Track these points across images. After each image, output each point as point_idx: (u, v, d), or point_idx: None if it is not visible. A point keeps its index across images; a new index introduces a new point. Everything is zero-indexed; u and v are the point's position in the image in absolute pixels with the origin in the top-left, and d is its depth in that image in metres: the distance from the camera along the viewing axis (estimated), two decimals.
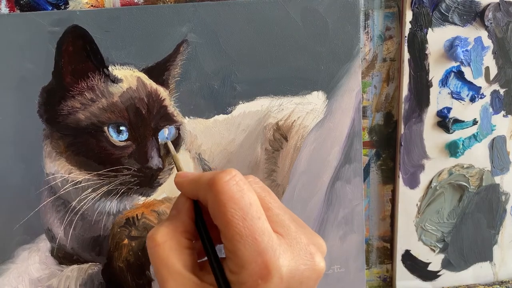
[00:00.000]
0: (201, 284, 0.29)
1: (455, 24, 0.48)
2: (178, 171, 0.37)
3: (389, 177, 0.52)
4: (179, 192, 0.34)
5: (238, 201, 0.28)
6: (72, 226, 0.44)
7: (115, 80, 0.43)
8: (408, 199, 0.52)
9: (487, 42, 0.49)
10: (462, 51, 0.48)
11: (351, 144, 0.48)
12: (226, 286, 0.28)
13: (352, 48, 0.46)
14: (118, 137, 0.42)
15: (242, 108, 0.46)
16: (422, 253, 0.53)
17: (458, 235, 0.54)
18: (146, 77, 0.43)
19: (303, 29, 0.45)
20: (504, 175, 0.53)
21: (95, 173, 0.43)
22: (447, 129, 0.50)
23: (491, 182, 0.53)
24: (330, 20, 0.45)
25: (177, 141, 0.45)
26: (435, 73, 0.49)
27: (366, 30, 0.48)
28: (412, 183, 0.52)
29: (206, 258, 0.30)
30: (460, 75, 0.49)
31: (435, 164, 0.51)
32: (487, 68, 0.50)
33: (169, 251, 0.30)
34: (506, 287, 0.55)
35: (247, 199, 0.28)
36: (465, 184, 0.52)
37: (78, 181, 0.43)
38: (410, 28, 0.48)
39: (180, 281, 0.29)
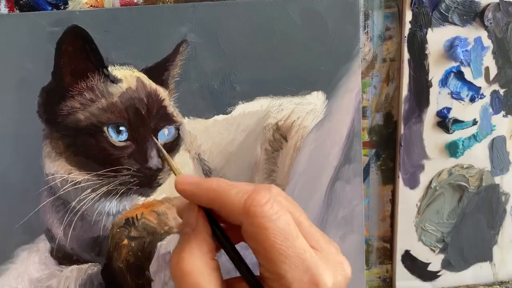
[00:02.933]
0: None
1: (455, 24, 0.48)
2: (175, 174, 0.35)
3: (389, 177, 0.52)
4: (185, 209, 0.32)
5: (277, 223, 0.28)
6: (72, 226, 0.44)
7: (115, 80, 0.43)
8: (408, 199, 0.52)
9: (487, 42, 0.49)
10: (462, 51, 0.48)
11: (351, 144, 0.48)
12: None
13: (352, 48, 0.46)
14: (117, 137, 0.42)
15: (242, 108, 0.46)
16: (422, 253, 0.53)
17: (458, 236, 0.53)
18: (146, 77, 0.43)
19: (303, 29, 0.45)
20: (504, 175, 0.53)
21: (95, 173, 0.43)
22: (447, 129, 0.50)
23: (491, 182, 0.53)
24: (330, 20, 0.45)
25: (176, 142, 0.45)
26: (435, 73, 0.49)
27: (366, 30, 0.48)
28: (412, 183, 0.52)
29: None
30: (460, 75, 0.49)
31: (435, 164, 0.51)
32: (487, 68, 0.50)
33: (199, 278, 0.29)
34: (506, 287, 0.55)
35: (285, 220, 0.28)
36: (465, 184, 0.52)
37: (78, 181, 0.43)
38: (410, 28, 0.48)
39: None
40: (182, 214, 0.33)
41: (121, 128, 0.42)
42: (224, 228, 0.32)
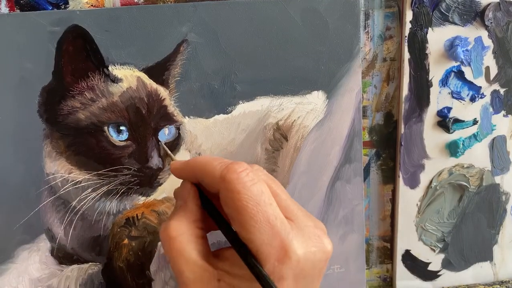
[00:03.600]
0: (217, 272, 0.30)
1: (455, 23, 0.48)
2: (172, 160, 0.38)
3: (389, 177, 0.52)
4: (180, 185, 0.34)
5: (250, 188, 0.29)
6: (72, 226, 0.44)
7: (115, 80, 0.43)
8: (408, 199, 0.52)
9: (487, 42, 0.49)
10: (462, 51, 0.48)
11: (351, 144, 0.48)
12: (250, 257, 0.29)
13: (352, 48, 0.46)
14: (118, 137, 0.42)
15: (242, 108, 0.46)
16: (422, 253, 0.53)
17: (458, 235, 0.53)
18: (146, 76, 0.43)
19: (303, 28, 0.45)
20: (504, 175, 0.53)
21: (95, 173, 0.43)
22: (447, 129, 0.50)
23: (491, 182, 0.53)
24: (330, 20, 0.45)
25: (177, 141, 0.45)
26: (435, 72, 0.49)
27: (366, 30, 0.48)
28: (412, 183, 0.52)
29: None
30: (460, 74, 0.49)
31: (435, 164, 0.51)
32: (487, 68, 0.50)
33: (184, 243, 0.31)
34: (506, 287, 0.55)
35: (259, 187, 0.30)
36: (465, 184, 0.52)
37: (78, 181, 0.43)
38: (410, 28, 0.48)
39: (197, 271, 0.30)
40: (177, 191, 0.35)
41: (122, 127, 0.42)
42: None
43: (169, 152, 0.39)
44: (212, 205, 0.33)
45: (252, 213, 0.29)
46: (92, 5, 0.43)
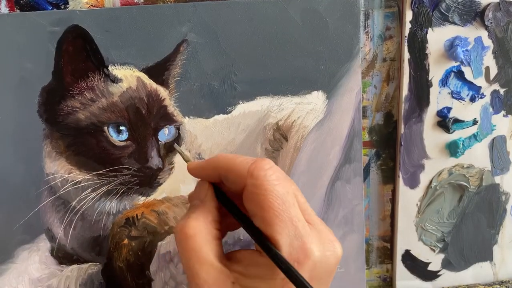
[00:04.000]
0: (232, 274, 0.30)
1: (455, 23, 0.48)
2: (186, 162, 0.37)
3: (389, 177, 0.52)
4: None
5: (277, 188, 0.29)
6: (72, 226, 0.44)
7: (115, 80, 0.43)
8: (408, 199, 0.52)
9: (487, 42, 0.49)
10: (462, 51, 0.48)
11: (351, 144, 0.48)
12: (275, 253, 0.29)
13: (352, 48, 0.46)
14: (118, 137, 0.42)
15: (242, 108, 0.46)
16: (422, 253, 0.53)
17: (458, 235, 0.53)
18: (146, 77, 0.43)
19: (303, 28, 0.45)
20: (504, 175, 0.53)
21: (95, 173, 0.43)
22: (447, 129, 0.50)
23: (491, 182, 0.53)
24: (330, 20, 0.45)
25: (177, 141, 0.45)
26: (435, 73, 0.49)
27: (366, 30, 0.48)
28: (412, 183, 0.52)
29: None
30: (460, 75, 0.49)
31: (435, 164, 0.51)
32: (487, 68, 0.50)
33: (201, 243, 0.30)
34: (506, 287, 0.55)
35: (284, 186, 0.30)
36: (465, 184, 0.52)
37: (78, 181, 0.43)
38: (410, 28, 0.48)
39: (212, 273, 0.29)
40: (193, 192, 0.35)
41: (122, 127, 0.42)
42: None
43: (183, 153, 0.38)
44: (232, 201, 0.33)
45: (278, 211, 0.29)
46: (92, 5, 0.43)
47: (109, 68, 0.42)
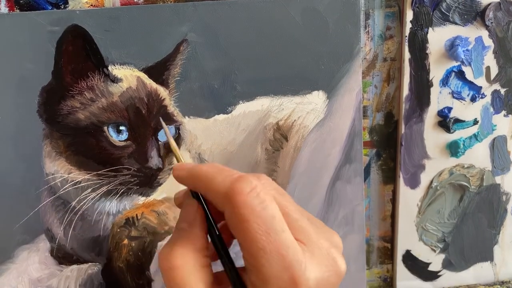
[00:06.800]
0: None
1: (456, 23, 0.48)
2: (177, 161, 0.35)
3: (389, 177, 0.52)
4: (184, 204, 0.32)
5: (260, 214, 0.26)
6: (72, 226, 0.44)
7: (115, 80, 0.43)
8: (409, 199, 0.52)
9: (488, 42, 0.49)
10: (463, 51, 0.48)
11: (352, 144, 0.48)
12: None
13: (353, 48, 0.46)
14: (118, 137, 0.42)
15: (242, 108, 0.46)
16: (422, 253, 0.53)
17: (458, 235, 0.53)
18: (146, 76, 0.43)
19: (303, 28, 0.45)
20: (505, 175, 0.53)
21: (95, 173, 0.43)
22: (447, 129, 0.50)
23: (492, 182, 0.53)
24: (331, 20, 0.45)
25: (177, 141, 0.45)
26: (436, 72, 0.49)
27: (367, 30, 0.48)
28: (413, 183, 0.51)
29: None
30: (460, 74, 0.49)
31: (436, 164, 0.51)
32: (488, 68, 0.50)
33: (187, 273, 0.28)
34: (507, 287, 0.55)
35: (270, 211, 0.27)
36: (465, 184, 0.52)
37: (78, 181, 0.43)
38: (410, 28, 0.48)
39: None
40: (180, 206, 0.32)
41: (121, 127, 0.42)
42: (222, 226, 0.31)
43: (178, 154, 0.35)
44: (218, 236, 0.30)
45: (261, 244, 0.26)
46: (92, 5, 0.43)
47: (109, 68, 0.42)
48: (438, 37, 0.48)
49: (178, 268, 0.28)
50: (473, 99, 0.50)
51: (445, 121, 0.50)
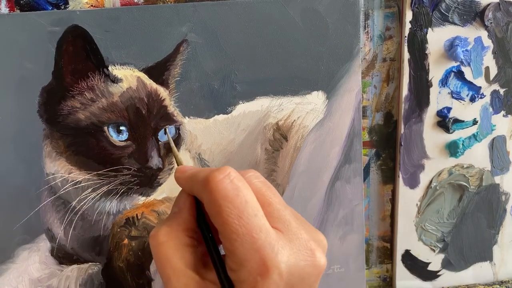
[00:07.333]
0: (203, 282, 0.29)
1: (455, 24, 0.48)
2: (178, 165, 0.36)
3: (389, 177, 0.52)
4: (179, 192, 0.33)
5: (232, 199, 0.28)
6: (72, 226, 0.44)
7: (115, 80, 0.43)
8: (408, 199, 0.52)
9: (487, 42, 0.49)
10: (462, 51, 0.48)
11: (351, 144, 0.48)
12: (229, 284, 0.28)
13: (352, 48, 0.46)
14: (118, 137, 0.42)
15: (242, 108, 0.46)
16: (422, 253, 0.53)
17: (458, 235, 0.54)
18: (146, 77, 0.43)
19: (303, 29, 0.45)
20: (504, 175, 0.53)
21: (95, 173, 0.43)
22: (447, 129, 0.50)
23: (491, 182, 0.53)
24: (330, 20, 0.45)
25: (177, 141, 0.45)
26: (435, 73, 0.49)
27: (366, 30, 0.48)
28: (412, 183, 0.52)
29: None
30: (460, 75, 0.49)
31: (435, 164, 0.51)
32: (487, 68, 0.50)
33: (171, 249, 0.29)
34: (506, 287, 0.55)
35: (242, 196, 0.28)
36: (465, 184, 0.52)
37: (78, 181, 0.43)
38: (410, 28, 0.48)
39: (182, 279, 0.29)
40: (175, 199, 0.34)
41: (122, 127, 0.42)
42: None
43: (178, 155, 0.37)
44: (204, 219, 0.32)
45: (234, 227, 0.27)
46: (92, 5, 0.43)
47: (109, 68, 0.42)
48: (437, 38, 0.48)
49: (163, 244, 0.29)
50: (472, 99, 0.50)
51: (445, 121, 0.50)
